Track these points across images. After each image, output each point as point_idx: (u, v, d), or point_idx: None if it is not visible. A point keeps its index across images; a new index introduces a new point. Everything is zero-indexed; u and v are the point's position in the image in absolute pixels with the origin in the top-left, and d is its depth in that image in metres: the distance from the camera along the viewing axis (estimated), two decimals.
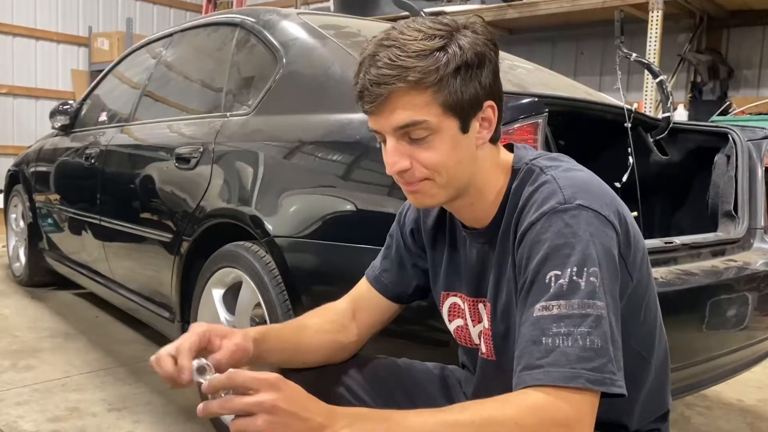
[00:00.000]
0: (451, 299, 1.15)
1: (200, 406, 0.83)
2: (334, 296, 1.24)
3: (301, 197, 1.75)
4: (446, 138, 0.94)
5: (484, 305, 1.06)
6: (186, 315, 2.14)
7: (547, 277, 0.87)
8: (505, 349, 1.02)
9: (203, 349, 0.95)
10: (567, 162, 1.01)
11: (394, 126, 0.94)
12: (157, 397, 2.31)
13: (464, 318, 1.14)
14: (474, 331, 1.11)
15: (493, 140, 1.01)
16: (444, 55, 0.91)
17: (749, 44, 4.30)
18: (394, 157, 0.95)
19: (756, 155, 2.08)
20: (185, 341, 0.93)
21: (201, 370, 0.90)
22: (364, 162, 1.62)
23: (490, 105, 0.97)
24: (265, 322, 1.75)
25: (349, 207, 1.63)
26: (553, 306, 0.85)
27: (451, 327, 1.18)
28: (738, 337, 1.77)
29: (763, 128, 2.15)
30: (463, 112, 0.94)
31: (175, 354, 0.92)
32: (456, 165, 0.96)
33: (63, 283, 3.64)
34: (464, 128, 0.95)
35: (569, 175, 0.95)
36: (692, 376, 1.67)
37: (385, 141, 0.98)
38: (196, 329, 0.96)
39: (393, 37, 0.92)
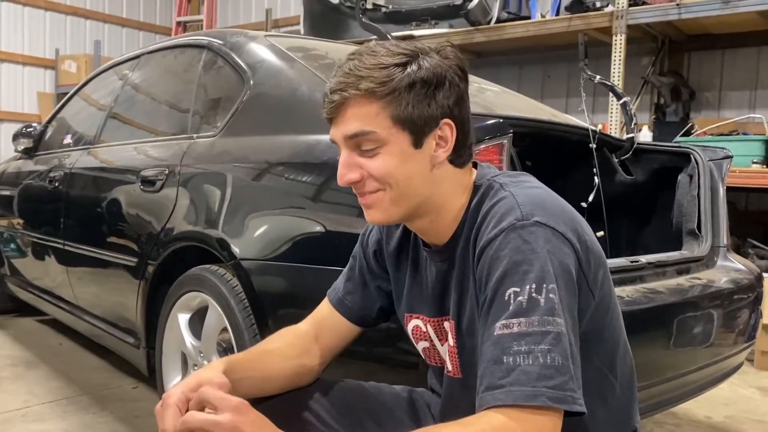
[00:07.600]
0: (414, 321, 1.15)
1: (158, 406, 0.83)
2: (302, 319, 1.22)
3: (268, 219, 1.73)
4: (395, 150, 0.96)
5: (449, 323, 1.06)
6: (151, 341, 2.09)
7: (507, 294, 0.87)
8: (470, 366, 1.01)
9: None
10: (527, 179, 1.01)
11: (345, 135, 0.97)
12: (121, 425, 2.24)
13: (429, 339, 1.13)
14: (442, 350, 1.10)
15: (457, 163, 1.01)
16: (400, 71, 0.94)
17: (709, 67, 4.42)
18: (344, 168, 0.98)
19: (717, 174, 2.12)
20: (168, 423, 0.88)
21: None
22: (332, 183, 1.61)
23: (447, 123, 0.98)
24: (231, 347, 1.72)
25: (317, 228, 1.62)
26: (513, 324, 0.85)
27: (419, 348, 1.17)
28: (704, 354, 1.79)
29: (723, 148, 2.20)
30: (416, 128, 0.96)
31: None
32: (407, 180, 0.97)
33: (25, 310, 3.54)
34: (417, 143, 0.97)
35: (528, 191, 0.96)
36: (660, 394, 1.67)
37: None
38: (168, 401, 0.89)
39: (360, 51, 0.98)
